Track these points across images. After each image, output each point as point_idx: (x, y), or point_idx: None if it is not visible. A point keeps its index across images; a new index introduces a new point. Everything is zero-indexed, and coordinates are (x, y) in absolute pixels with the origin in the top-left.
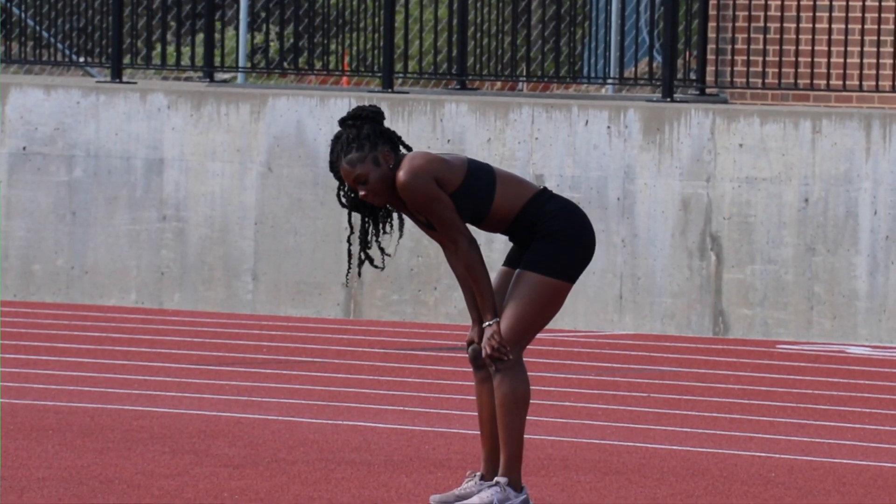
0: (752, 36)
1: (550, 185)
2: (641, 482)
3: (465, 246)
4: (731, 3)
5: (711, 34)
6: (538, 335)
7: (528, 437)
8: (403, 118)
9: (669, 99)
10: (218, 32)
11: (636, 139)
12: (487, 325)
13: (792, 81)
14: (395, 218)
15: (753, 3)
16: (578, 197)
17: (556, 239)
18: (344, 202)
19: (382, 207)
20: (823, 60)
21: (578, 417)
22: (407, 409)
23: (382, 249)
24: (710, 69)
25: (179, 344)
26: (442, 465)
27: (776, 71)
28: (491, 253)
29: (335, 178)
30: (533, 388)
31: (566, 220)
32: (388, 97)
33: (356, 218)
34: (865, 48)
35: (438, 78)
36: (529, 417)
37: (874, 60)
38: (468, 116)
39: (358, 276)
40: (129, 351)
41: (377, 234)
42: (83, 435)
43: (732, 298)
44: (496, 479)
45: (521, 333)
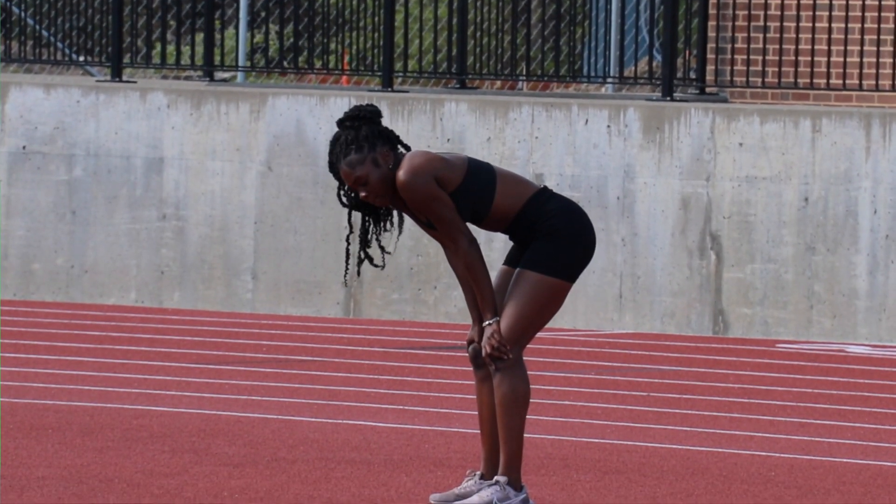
0: (751, 35)
1: (550, 184)
2: (641, 481)
3: (465, 245)
4: (730, 2)
5: (711, 33)
6: (538, 334)
7: (527, 436)
8: (403, 117)
9: (669, 98)
10: (218, 31)
11: (636, 138)
12: (487, 324)
13: (792, 80)
14: (394, 215)
15: (753, 1)
16: (578, 196)
17: (556, 238)
18: (344, 201)
19: (383, 207)
20: (823, 59)
21: (578, 416)
22: (407, 408)
23: (383, 248)
24: (709, 68)
25: (179, 343)
26: (442, 464)
27: (776, 70)
28: (491, 252)
29: (335, 178)
30: (533, 387)
31: (566, 219)
32: (387, 96)
33: (356, 217)
34: (865, 47)
35: (438, 77)
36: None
37: (874, 59)
38: (468, 115)
39: (357, 275)
40: (128, 350)
41: (378, 232)
42: (83, 434)
43: (732, 297)
44: (496, 478)
45: (521, 332)
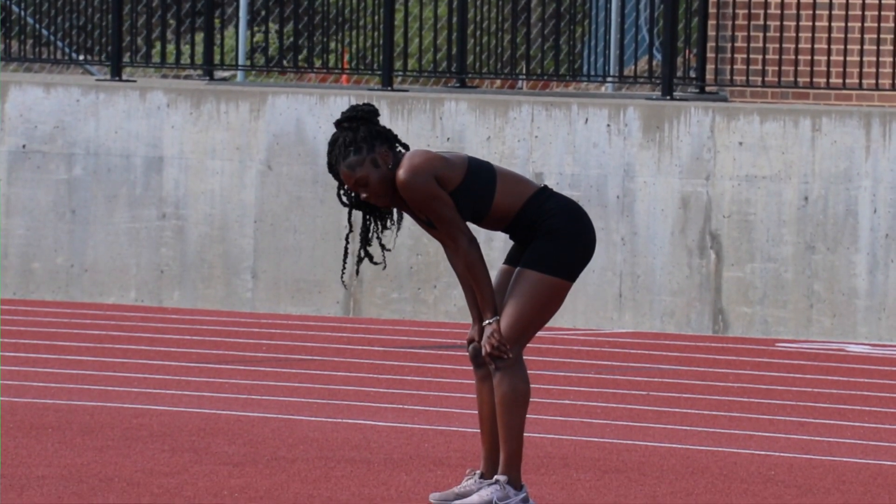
0: (751, 34)
1: (550, 183)
2: (641, 480)
3: (465, 244)
4: (730, 1)
5: (711, 32)
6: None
7: (527, 435)
8: (403, 116)
9: (669, 97)
10: (217, 30)
11: (636, 137)
12: (487, 323)
13: (792, 79)
14: (394, 213)
15: (753, 0)
16: (578, 195)
17: (556, 237)
18: (345, 201)
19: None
20: (823, 58)
21: (578, 416)
22: (406, 407)
23: (383, 246)
24: (709, 67)
25: (179, 342)
26: (441, 463)
27: (776, 69)
28: (491, 251)
29: (334, 178)
30: (533, 386)
31: (566, 218)
32: (387, 95)
33: (357, 216)
34: (865, 46)
35: (438, 76)
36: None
37: (874, 58)
38: (468, 114)
39: (356, 274)
40: (128, 349)
41: (378, 230)
42: (83, 433)
43: (732, 296)
44: (496, 477)
45: (521, 332)
